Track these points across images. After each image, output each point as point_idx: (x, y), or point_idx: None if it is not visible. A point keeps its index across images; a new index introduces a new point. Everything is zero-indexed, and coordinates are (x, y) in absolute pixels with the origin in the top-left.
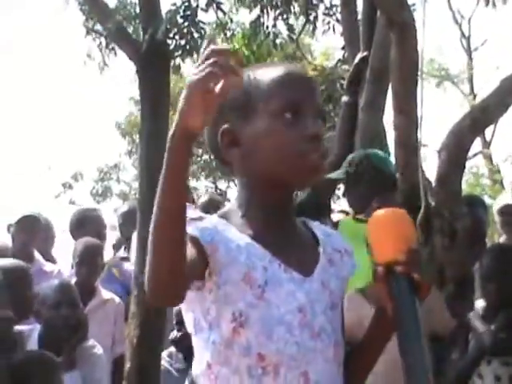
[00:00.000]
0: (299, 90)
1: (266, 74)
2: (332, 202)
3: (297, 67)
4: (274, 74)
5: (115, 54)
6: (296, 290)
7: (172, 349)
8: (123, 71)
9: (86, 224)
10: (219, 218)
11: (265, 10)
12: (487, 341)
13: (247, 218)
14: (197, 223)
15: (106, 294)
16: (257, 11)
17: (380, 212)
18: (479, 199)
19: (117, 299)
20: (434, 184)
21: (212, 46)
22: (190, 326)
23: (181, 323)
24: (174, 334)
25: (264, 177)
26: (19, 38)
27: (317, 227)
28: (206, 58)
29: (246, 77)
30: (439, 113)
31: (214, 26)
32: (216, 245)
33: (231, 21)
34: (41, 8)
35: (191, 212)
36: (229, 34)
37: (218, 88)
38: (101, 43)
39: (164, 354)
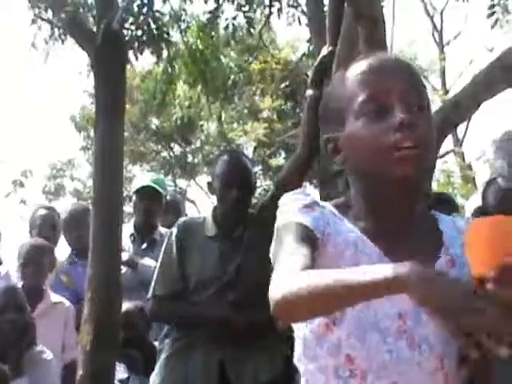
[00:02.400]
0: (378, 82)
1: (349, 75)
2: None
3: (379, 57)
4: (353, 74)
5: (62, 42)
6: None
7: None
8: (78, 62)
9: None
10: (334, 207)
11: (222, 1)
12: None
13: (360, 214)
14: (310, 213)
15: (55, 297)
16: (212, 2)
17: (478, 220)
18: (447, 197)
19: (67, 303)
20: None
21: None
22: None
23: (124, 328)
24: None
25: (366, 176)
26: None
27: (448, 223)
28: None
29: (335, 81)
30: None
31: (168, 17)
32: (327, 237)
33: (185, 12)
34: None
35: (303, 198)
36: (183, 26)
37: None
38: (52, 34)
39: None
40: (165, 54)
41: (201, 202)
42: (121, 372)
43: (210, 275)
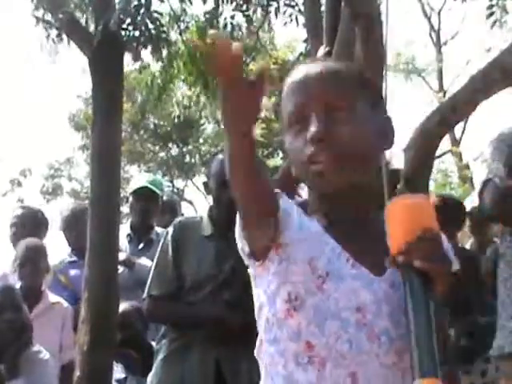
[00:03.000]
0: (298, 93)
1: (285, 84)
2: None
3: (305, 66)
4: (286, 84)
5: (68, 43)
6: (360, 288)
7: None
8: (76, 63)
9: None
10: (299, 208)
11: (221, 1)
12: (447, 350)
13: (320, 211)
14: (283, 196)
15: (53, 297)
16: (211, 2)
17: (393, 201)
18: (456, 201)
19: (65, 303)
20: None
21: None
22: (256, 305)
23: (121, 328)
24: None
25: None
26: None
27: None
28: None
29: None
30: (406, 109)
31: (168, 18)
32: (291, 220)
33: (185, 13)
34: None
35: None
36: (183, 26)
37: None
38: (49, 35)
39: None
40: (164, 54)
41: (198, 202)
42: (118, 372)
43: (206, 274)
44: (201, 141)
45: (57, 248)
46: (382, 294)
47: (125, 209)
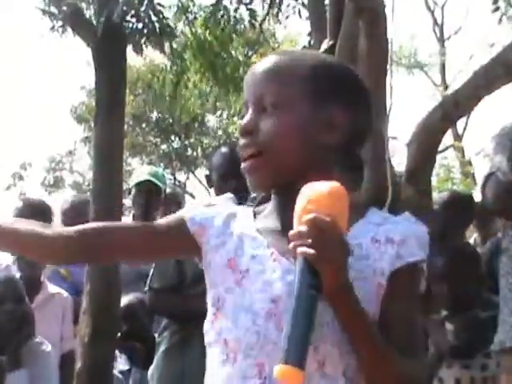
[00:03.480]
0: (246, 87)
1: None
2: None
3: (259, 60)
4: None
5: (62, 33)
6: (278, 280)
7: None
8: (80, 55)
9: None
10: (253, 208)
11: None
12: (446, 345)
13: (264, 207)
14: (196, 208)
15: (52, 288)
16: None
17: (306, 185)
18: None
19: (64, 293)
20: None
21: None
22: None
23: (126, 320)
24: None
25: None
26: None
27: (369, 216)
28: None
29: None
30: (408, 103)
31: (176, 9)
32: (203, 229)
33: (193, 4)
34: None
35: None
36: (191, 17)
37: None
38: (53, 26)
39: None
40: (167, 47)
41: (199, 195)
42: (122, 363)
43: None
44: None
45: None
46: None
47: (127, 201)
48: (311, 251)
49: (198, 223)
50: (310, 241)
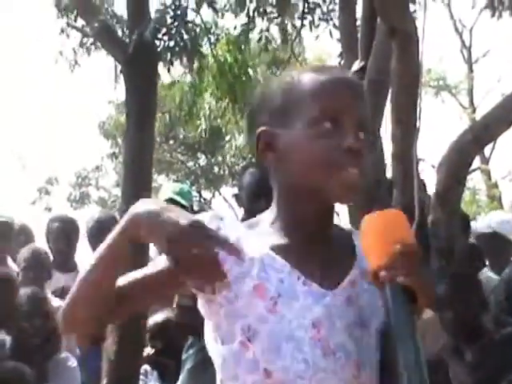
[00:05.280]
0: (340, 97)
1: (310, 78)
2: None
3: (344, 73)
4: (317, 80)
5: (93, 49)
6: (313, 304)
7: (146, 366)
8: (108, 70)
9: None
10: (245, 226)
11: (255, 14)
12: (468, 376)
13: (275, 226)
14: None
15: (55, 301)
16: (243, 16)
17: (369, 215)
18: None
19: None
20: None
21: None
22: (209, 334)
23: (154, 339)
24: (148, 350)
25: (296, 185)
26: None
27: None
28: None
29: (290, 78)
30: (435, 125)
31: (198, 30)
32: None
33: (216, 26)
34: (18, 5)
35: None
36: (213, 38)
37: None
38: (82, 41)
39: None
40: (195, 65)
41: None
42: (153, 380)
43: None
44: (231, 152)
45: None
46: (334, 309)
47: None
48: (412, 279)
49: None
50: (407, 269)
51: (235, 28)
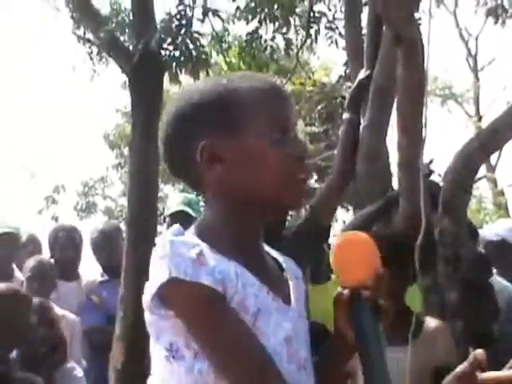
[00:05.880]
0: (284, 106)
1: (248, 88)
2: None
3: (274, 80)
4: (257, 89)
5: (106, 62)
6: (282, 320)
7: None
8: (111, 81)
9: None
10: (208, 247)
11: (263, 23)
12: None
13: (224, 241)
14: (202, 267)
15: (59, 310)
16: (255, 23)
17: (346, 235)
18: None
19: (71, 316)
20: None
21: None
22: (161, 351)
23: None
24: None
25: (248, 196)
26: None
27: (273, 252)
28: None
29: (223, 86)
30: (441, 134)
31: (210, 37)
32: (224, 286)
33: (228, 33)
34: (28, 14)
35: (189, 250)
36: (225, 46)
37: None
38: (92, 52)
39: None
40: (202, 75)
41: None
42: None
43: None
44: None
45: (91, 266)
46: (296, 324)
47: (160, 228)
48: (377, 297)
49: (221, 281)
50: (382, 291)
51: (246, 36)
